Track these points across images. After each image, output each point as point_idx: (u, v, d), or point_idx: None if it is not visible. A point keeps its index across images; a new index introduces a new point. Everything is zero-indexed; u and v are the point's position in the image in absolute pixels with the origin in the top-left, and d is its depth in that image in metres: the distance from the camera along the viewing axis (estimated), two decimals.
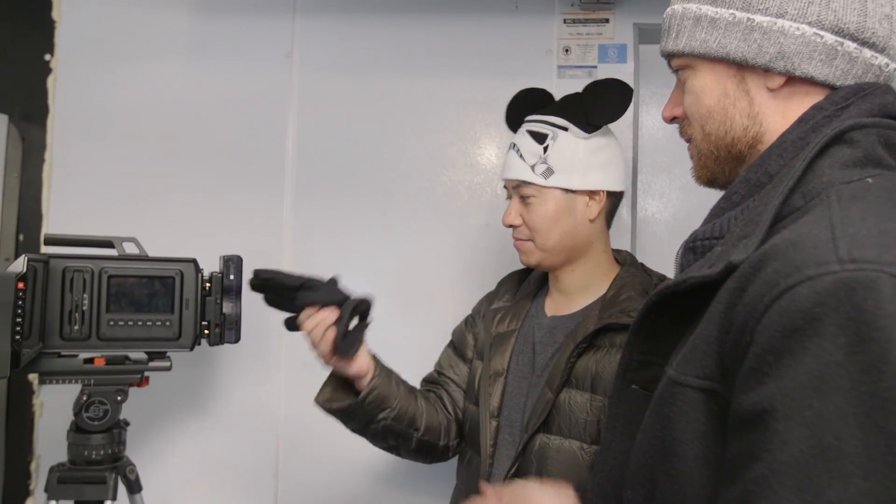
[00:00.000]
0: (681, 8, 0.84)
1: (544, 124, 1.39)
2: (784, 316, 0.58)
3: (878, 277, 0.56)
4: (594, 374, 1.27)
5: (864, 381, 0.54)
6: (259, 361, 1.89)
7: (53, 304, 1.36)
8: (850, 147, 0.71)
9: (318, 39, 1.93)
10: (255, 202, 1.90)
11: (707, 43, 0.80)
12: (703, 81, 0.82)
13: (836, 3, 0.74)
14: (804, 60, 0.75)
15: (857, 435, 0.54)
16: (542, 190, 1.36)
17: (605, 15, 1.86)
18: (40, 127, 1.90)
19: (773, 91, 0.78)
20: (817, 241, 0.60)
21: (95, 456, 1.40)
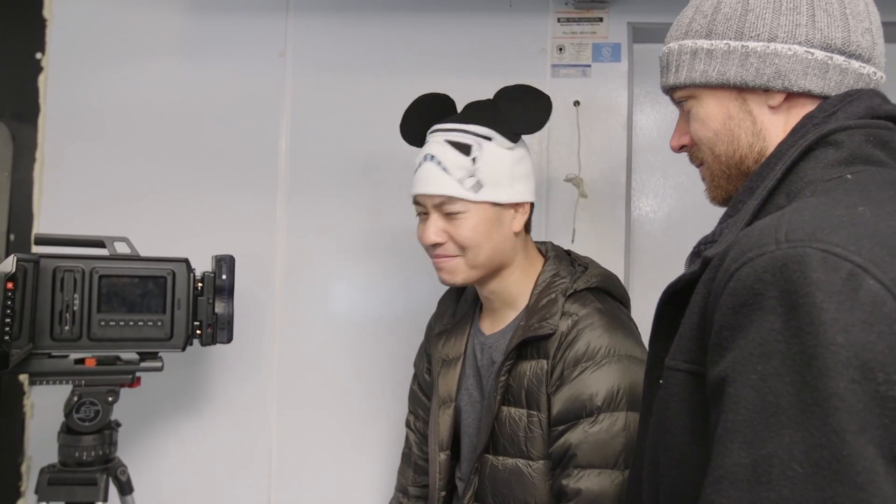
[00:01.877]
0: (677, 45, 0.91)
1: (466, 134, 1.30)
2: (733, 295, 0.66)
3: (806, 252, 0.62)
4: (526, 388, 1.25)
5: (795, 342, 0.61)
6: (251, 362, 1.88)
7: (44, 304, 1.35)
8: (834, 148, 0.77)
9: (312, 38, 1.92)
10: (247, 201, 1.89)
11: (707, 73, 0.87)
12: (707, 108, 0.88)
13: (821, 23, 0.82)
14: (800, 77, 0.82)
15: (790, 391, 0.60)
16: (471, 205, 1.27)
17: (599, 14, 1.86)
18: (31, 126, 1.89)
19: (774, 108, 0.84)
20: (764, 228, 0.68)
21: (86, 457, 1.39)
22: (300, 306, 1.89)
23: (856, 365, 0.58)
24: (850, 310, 0.59)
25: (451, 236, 1.28)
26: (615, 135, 1.86)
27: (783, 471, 0.59)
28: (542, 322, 1.24)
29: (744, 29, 0.84)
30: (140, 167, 1.89)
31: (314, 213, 1.89)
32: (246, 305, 1.81)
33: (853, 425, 0.57)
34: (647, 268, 1.94)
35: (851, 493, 0.56)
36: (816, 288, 0.60)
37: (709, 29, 0.87)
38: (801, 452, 0.59)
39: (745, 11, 0.84)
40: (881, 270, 0.61)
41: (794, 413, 0.60)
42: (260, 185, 1.90)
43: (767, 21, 0.83)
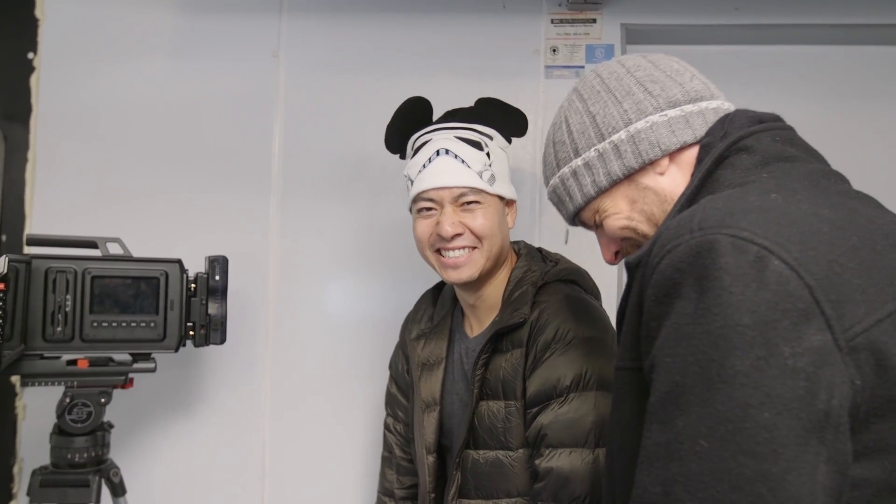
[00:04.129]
0: (557, 179, 0.99)
1: (474, 132, 1.35)
2: (656, 287, 0.70)
3: (716, 238, 0.66)
4: (502, 379, 1.27)
5: (702, 323, 0.64)
6: (245, 363, 1.88)
7: (36, 305, 1.34)
8: (747, 153, 0.82)
9: (305, 39, 1.92)
10: (240, 202, 1.89)
11: (597, 181, 0.94)
12: (613, 208, 0.94)
13: (654, 91, 0.90)
14: (670, 136, 0.89)
15: (695, 370, 0.64)
16: (488, 197, 1.32)
17: (592, 15, 1.86)
18: (23, 126, 1.88)
19: (664, 173, 0.91)
20: (681, 220, 0.72)
21: (79, 459, 1.38)
22: (293, 307, 1.89)
23: (761, 343, 0.61)
24: (756, 290, 0.63)
25: (467, 227, 1.31)
26: None
27: (691, 446, 0.62)
28: (513, 313, 1.27)
29: (601, 131, 0.92)
30: (133, 168, 1.89)
31: (307, 214, 1.89)
32: (239, 306, 1.80)
33: (756, 399, 0.60)
34: None
35: (753, 464, 0.60)
36: (725, 272, 0.64)
37: (574, 150, 0.95)
38: (707, 428, 0.62)
39: (592, 117, 0.93)
40: (786, 251, 0.64)
41: (700, 391, 0.63)
42: (253, 185, 1.90)
43: (615, 113, 0.91)
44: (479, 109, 1.40)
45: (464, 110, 1.41)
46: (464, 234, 1.30)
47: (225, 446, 1.87)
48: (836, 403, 0.62)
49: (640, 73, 0.93)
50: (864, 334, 0.63)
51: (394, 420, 1.55)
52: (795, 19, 1.83)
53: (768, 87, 1.94)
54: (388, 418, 1.57)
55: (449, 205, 1.31)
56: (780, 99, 1.93)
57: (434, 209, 1.32)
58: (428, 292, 1.55)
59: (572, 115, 0.96)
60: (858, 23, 1.82)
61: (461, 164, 1.31)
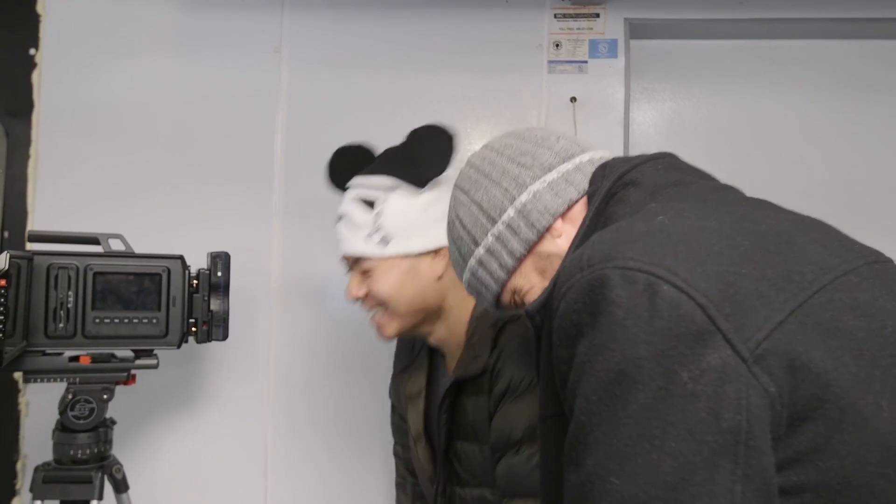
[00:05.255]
0: (469, 273, 0.97)
1: (370, 189, 1.30)
2: (559, 331, 0.69)
3: (605, 273, 0.65)
4: (472, 423, 1.25)
5: (602, 360, 0.63)
6: (247, 359, 1.88)
7: (38, 301, 1.34)
8: (634, 187, 0.83)
9: (307, 34, 1.91)
10: (243, 198, 1.89)
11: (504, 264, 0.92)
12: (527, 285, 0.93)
13: (528, 161, 0.91)
14: (555, 198, 0.89)
15: (599, 408, 0.63)
16: (380, 261, 1.27)
17: (595, 10, 1.85)
18: (25, 122, 1.88)
19: (561, 235, 0.90)
20: (571, 261, 0.71)
21: (81, 455, 1.38)
22: (296, 303, 1.89)
23: (660, 373, 0.60)
24: (648, 321, 0.62)
25: (369, 291, 1.29)
26: (612, 131, 1.85)
27: (603, 486, 0.61)
28: (472, 360, 1.24)
29: (490, 215, 0.92)
30: (135, 163, 1.88)
31: (310, 210, 1.89)
32: (241, 302, 1.80)
33: (660, 430, 0.59)
34: None
35: (663, 494, 0.59)
36: (616, 305, 0.63)
37: (473, 241, 0.94)
38: (616, 465, 0.61)
39: (479, 206, 0.93)
40: (674, 274, 0.63)
41: (606, 428, 0.62)
42: (255, 181, 1.89)
43: (497, 195, 0.91)
44: (405, 148, 1.32)
45: (388, 152, 1.34)
46: (366, 298, 1.31)
47: (227, 442, 1.87)
48: (743, 419, 0.60)
49: (508, 151, 0.93)
50: (769, 339, 0.61)
51: (402, 448, 1.53)
52: (801, 13, 1.82)
53: (773, 82, 1.93)
54: (397, 446, 1.56)
55: (353, 268, 1.31)
56: (785, 94, 1.92)
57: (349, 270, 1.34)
58: None
59: (461, 210, 0.96)
60: (865, 17, 1.80)
61: (350, 230, 1.29)
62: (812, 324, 0.63)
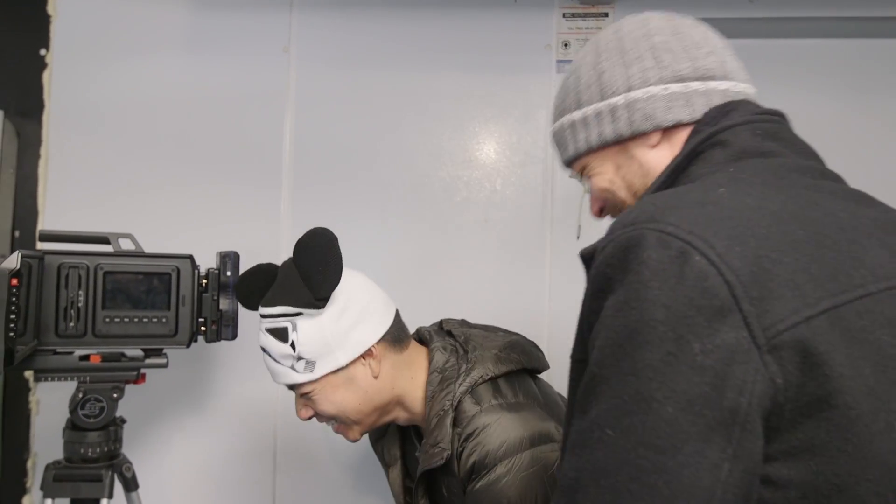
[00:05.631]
0: (558, 125, 0.98)
1: (276, 320, 1.24)
2: (593, 282, 0.70)
3: (643, 234, 0.66)
4: (448, 499, 1.25)
5: (621, 316, 0.65)
6: (256, 358, 1.86)
7: (48, 300, 1.35)
8: (721, 147, 0.81)
9: (316, 34, 1.91)
10: (252, 198, 1.89)
11: (589, 139, 0.93)
12: (600, 167, 0.95)
13: (666, 61, 0.88)
14: (665, 112, 0.87)
15: (610, 362, 0.65)
16: (314, 384, 1.25)
17: (604, 9, 1.85)
18: (35, 122, 1.89)
19: (655, 147, 0.89)
20: (620, 217, 0.72)
21: (91, 454, 1.39)
22: None
23: (672, 338, 0.61)
24: (674, 286, 0.63)
25: (315, 412, 1.30)
26: None
27: (600, 435, 0.64)
28: (433, 449, 1.21)
29: (603, 90, 0.91)
30: (144, 163, 1.89)
31: (318, 209, 1.89)
32: None
33: (661, 393, 0.61)
34: None
35: (651, 456, 0.60)
36: (645, 266, 0.64)
37: (577, 101, 0.94)
38: (614, 418, 0.63)
39: (600, 75, 0.92)
40: (710, 247, 0.63)
41: (613, 382, 0.64)
42: (264, 180, 1.90)
43: (620, 76, 0.90)
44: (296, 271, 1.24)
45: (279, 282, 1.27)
46: (317, 416, 1.31)
47: (236, 441, 1.88)
48: (744, 401, 0.60)
49: (657, 38, 0.90)
50: (790, 331, 0.61)
51: None
52: (811, 12, 1.81)
53: (783, 82, 1.92)
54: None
55: (295, 392, 1.30)
56: (795, 93, 1.91)
57: None
58: None
59: (583, 67, 0.94)
60: (875, 16, 1.79)
61: (275, 363, 1.26)
62: (842, 328, 0.62)
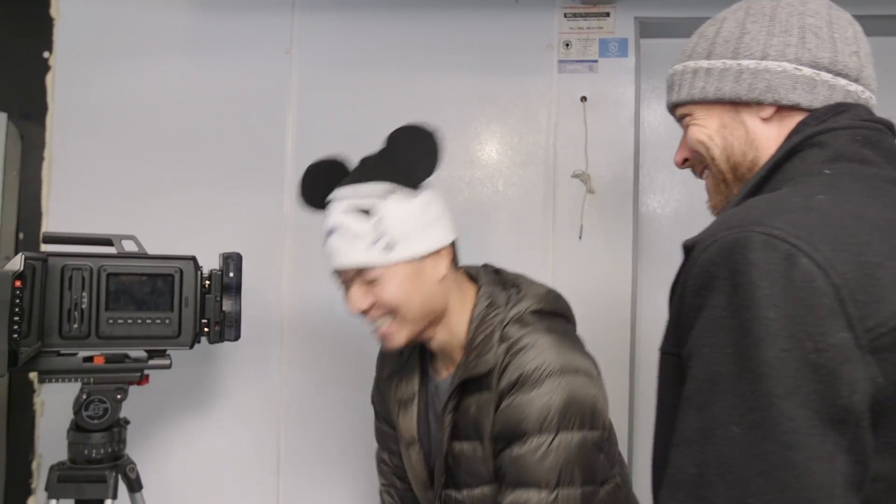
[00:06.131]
0: (681, 66, 0.99)
1: (363, 197, 1.24)
2: (695, 279, 0.73)
3: (750, 236, 0.68)
4: (473, 420, 1.24)
5: (736, 318, 0.67)
6: (259, 359, 1.89)
7: (52, 302, 1.36)
8: (819, 148, 0.83)
9: (318, 36, 1.92)
10: (254, 199, 1.90)
11: (705, 89, 0.94)
12: (704, 120, 0.95)
13: (810, 44, 0.89)
14: (789, 91, 0.88)
15: (729, 361, 0.67)
16: (387, 269, 1.22)
17: (605, 9, 1.85)
18: (39, 125, 1.90)
19: (766, 120, 0.90)
20: (724, 217, 0.75)
21: (96, 455, 1.39)
22: (307, 303, 1.89)
23: (785, 336, 0.64)
24: (783, 287, 0.65)
25: (377, 300, 1.24)
26: (622, 130, 1.85)
27: (724, 432, 0.66)
28: (478, 359, 1.23)
29: (739, 49, 0.91)
30: (147, 165, 1.90)
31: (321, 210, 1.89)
32: (253, 303, 1.81)
33: (780, 389, 0.64)
34: (655, 264, 1.93)
35: (778, 451, 0.63)
36: (754, 267, 0.66)
37: (709, 51, 0.94)
38: (738, 415, 0.65)
39: (742, 34, 0.92)
40: (816, 251, 0.66)
41: (732, 380, 0.66)
42: (267, 182, 1.90)
43: (761, 42, 0.90)
44: (388, 152, 1.29)
45: (371, 159, 1.30)
46: (374, 308, 1.25)
47: (240, 442, 1.88)
48: (857, 399, 0.64)
49: (811, 19, 0.90)
50: (891, 334, 0.65)
51: (389, 454, 1.51)
52: None
53: None
54: (384, 453, 1.52)
55: (353, 281, 1.26)
56: None
57: (346, 284, 1.29)
58: None
59: (729, 20, 0.94)
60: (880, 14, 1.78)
61: (348, 242, 1.23)
62: None
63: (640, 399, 1.89)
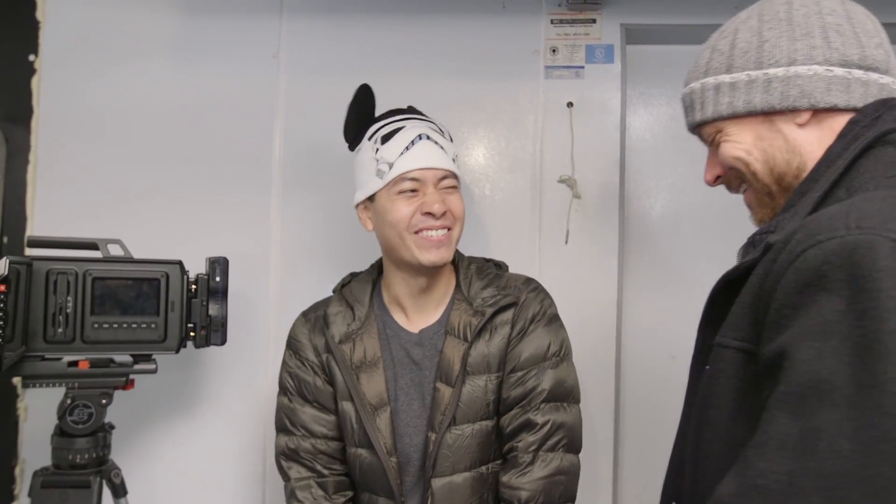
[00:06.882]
0: (699, 84, 0.96)
1: (434, 122, 1.45)
2: (798, 274, 0.68)
3: (877, 240, 0.64)
4: (487, 355, 1.37)
5: (858, 325, 0.63)
6: (245, 363, 1.88)
7: (37, 306, 1.35)
8: (893, 147, 0.81)
9: (305, 40, 1.92)
10: (241, 203, 1.89)
11: (733, 104, 0.91)
12: (737, 136, 0.92)
13: (835, 43, 0.87)
14: (824, 93, 0.86)
15: (847, 371, 0.62)
16: (458, 183, 1.42)
17: (592, 15, 1.86)
18: (24, 128, 1.89)
19: (802, 126, 0.88)
20: (833, 215, 0.70)
21: (80, 460, 1.38)
22: (294, 308, 1.88)
23: None
24: None
25: (448, 209, 1.36)
26: (608, 136, 1.86)
27: (830, 444, 0.61)
28: (503, 291, 1.41)
29: (762, 59, 0.89)
30: (134, 169, 1.89)
31: (308, 215, 1.89)
32: (240, 307, 1.80)
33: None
34: (641, 268, 1.94)
35: (893, 475, 0.59)
36: (885, 274, 0.63)
37: (728, 64, 0.92)
38: (852, 430, 0.61)
39: (761, 43, 0.89)
40: None
41: (848, 392, 0.62)
42: (254, 186, 1.90)
43: (784, 48, 0.88)
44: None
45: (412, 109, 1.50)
46: (446, 214, 1.36)
47: (226, 447, 1.87)
48: None
49: (830, 18, 0.88)
50: None
51: (316, 439, 1.45)
52: None
53: None
54: (308, 440, 1.46)
55: (432, 186, 1.36)
56: None
57: (416, 191, 1.36)
58: (342, 297, 1.50)
59: (743, 31, 0.92)
60: None
61: (441, 149, 1.39)
62: None
63: (625, 402, 1.90)
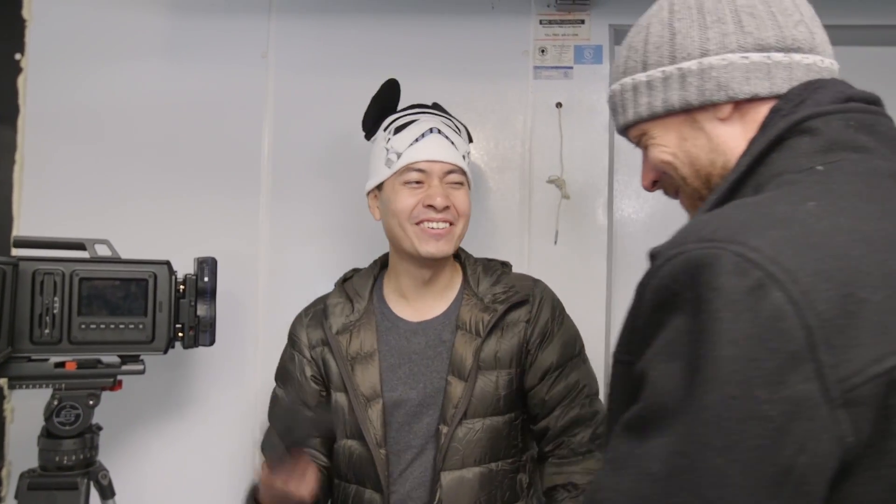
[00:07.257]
0: (618, 86, 0.91)
1: (453, 121, 1.48)
2: (655, 293, 0.65)
3: (719, 255, 0.60)
4: (498, 351, 1.38)
5: (693, 345, 0.59)
6: (234, 364, 1.88)
7: (23, 307, 1.34)
8: (809, 136, 0.73)
9: (294, 40, 1.92)
10: (229, 203, 1.89)
11: (652, 104, 0.85)
12: (661, 137, 0.87)
13: (749, 27, 0.80)
14: (742, 83, 0.79)
15: (679, 394, 0.59)
16: (467, 180, 1.43)
17: (580, 16, 1.87)
18: (11, 127, 1.87)
19: (724, 120, 0.82)
20: (693, 225, 0.66)
21: (67, 461, 1.38)
22: (283, 308, 1.88)
23: (737, 381, 0.56)
24: (745, 322, 0.57)
25: (452, 204, 1.38)
26: (597, 136, 1.87)
27: (645, 467, 0.60)
28: (513, 289, 1.42)
29: (674, 52, 0.83)
30: (121, 169, 1.88)
31: (297, 215, 1.89)
32: (228, 307, 1.80)
33: (718, 440, 0.56)
34: (630, 269, 1.95)
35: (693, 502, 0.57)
36: (718, 294, 0.58)
37: (643, 62, 0.86)
38: (666, 454, 0.59)
39: (672, 35, 0.83)
40: (793, 282, 0.57)
41: (677, 412, 0.59)
42: (242, 186, 1.89)
43: (695, 39, 0.81)
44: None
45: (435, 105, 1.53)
46: (449, 209, 1.37)
47: (214, 448, 1.87)
48: (803, 461, 0.56)
49: (742, 1, 0.81)
50: (869, 384, 0.56)
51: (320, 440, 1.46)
52: None
53: None
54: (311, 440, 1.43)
55: (437, 179, 1.38)
56: None
57: (421, 182, 1.38)
58: (341, 289, 1.51)
59: (654, 25, 0.86)
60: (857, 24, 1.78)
61: (450, 143, 1.40)
62: None
63: None
